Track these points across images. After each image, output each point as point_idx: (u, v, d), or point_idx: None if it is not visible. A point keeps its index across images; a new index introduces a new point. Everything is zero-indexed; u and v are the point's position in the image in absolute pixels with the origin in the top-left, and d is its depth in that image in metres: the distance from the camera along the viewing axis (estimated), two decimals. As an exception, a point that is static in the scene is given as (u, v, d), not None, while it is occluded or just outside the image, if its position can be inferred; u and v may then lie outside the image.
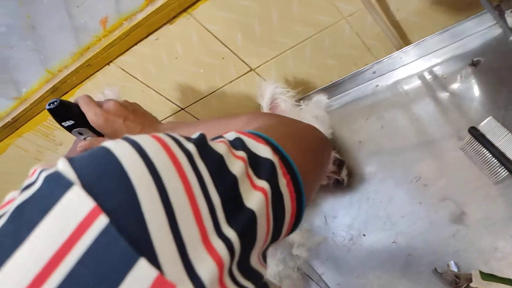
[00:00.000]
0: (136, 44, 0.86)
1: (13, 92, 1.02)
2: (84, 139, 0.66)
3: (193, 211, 0.24)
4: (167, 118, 1.06)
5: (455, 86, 0.76)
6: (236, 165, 0.30)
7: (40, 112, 1.04)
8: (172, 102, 1.01)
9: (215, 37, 0.84)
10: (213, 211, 0.26)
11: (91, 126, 0.63)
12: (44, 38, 0.90)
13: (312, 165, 0.41)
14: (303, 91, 0.93)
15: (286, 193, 0.33)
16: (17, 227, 0.22)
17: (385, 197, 0.75)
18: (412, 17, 0.79)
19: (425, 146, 0.74)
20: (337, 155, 0.81)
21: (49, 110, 0.62)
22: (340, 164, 0.79)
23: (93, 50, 0.88)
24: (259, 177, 0.31)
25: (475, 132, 0.67)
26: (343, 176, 0.79)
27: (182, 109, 1.04)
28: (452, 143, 0.71)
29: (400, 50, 0.83)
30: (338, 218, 0.79)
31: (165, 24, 0.82)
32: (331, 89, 0.92)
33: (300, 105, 0.87)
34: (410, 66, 0.84)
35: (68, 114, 0.63)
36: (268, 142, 0.35)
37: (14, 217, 0.23)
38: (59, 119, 0.63)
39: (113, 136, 0.61)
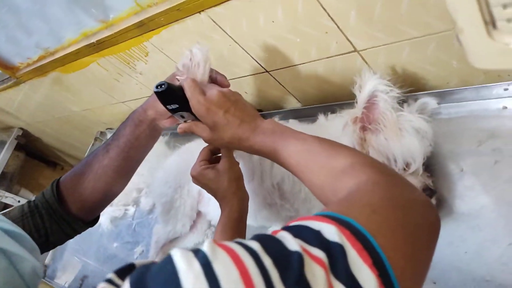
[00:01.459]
0: (232, -2, 0.75)
1: (101, 15, 0.98)
2: (185, 121, 0.67)
3: None
4: (248, 76, 0.98)
5: None
6: None
7: (124, 41, 1.01)
8: (257, 62, 0.92)
9: (324, 9, 0.71)
10: None
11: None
12: (138, -32, 0.82)
13: (420, 279, 0.33)
14: (412, 89, 0.79)
15: None
16: None
17: (472, 249, 0.64)
18: None
19: (545, 209, 0.60)
20: (430, 183, 0.69)
21: (156, 93, 0.61)
22: (429, 195, 0.68)
23: (186, -6, 0.79)
24: None
25: None
26: (429, 208, 0.69)
27: (266, 71, 0.94)
28: None
29: (555, 76, 0.64)
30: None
31: (269, -17, 0.70)
32: (444, 94, 0.77)
33: (402, 109, 0.73)
34: (560, 97, 0.66)
35: (173, 97, 0.62)
36: (375, 261, 0.28)
37: None
38: (165, 102, 0.63)
39: (212, 126, 0.61)
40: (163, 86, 0.60)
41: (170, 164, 1.06)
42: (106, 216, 1.32)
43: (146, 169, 1.28)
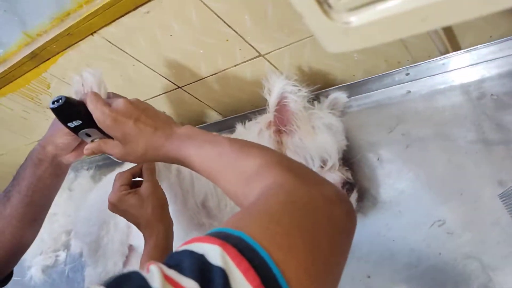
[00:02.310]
0: (123, 15, 0.71)
1: (-10, 51, 0.90)
2: (92, 141, 0.59)
3: None
4: (161, 95, 0.94)
5: (505, 111, 0.61)
6: None
7: (21, 76, 0.93)
8: (167, 79, 0.88)
9: (218, 16, 0.69)
10: None
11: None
12: (18, -3, 0.75)
13: (330, 284, 0.32)
14: (320, 86, 0.79)
15: None
16: None
17: (399, 236, 0.64)
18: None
19: (456, 185, 0.61)
20: (348, 176, 0.69)
21: (53, 109, 0.53)
22: (350, 188, 0.67)
23: (73, 17, 0.74)
24: None
25: (522, 183, 0.54)
26: (352, 201, 0.68)
27: (179, 87, 0.91)
28: (490, 188, 0.58)
29: (444, 56, 0.67)
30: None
31: (157, -4, 0.67)
32: (352, 87, 0.77)
33: (313, 107, 0.73)
34: (453, 75, 0.68)
35: (74, 113, 0.55)
36: (266, 278, 0.26)
37: None
38: (64, 119, 0.56)
39: (122, 139, 0.54)
40: (60, 100, 0.53)
41: (92, 200, 0.98)
42: (36, 266, 1.21)
43: (72, 208, 1.19)
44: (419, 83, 0.71)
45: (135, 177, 0.72)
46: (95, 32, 0.76)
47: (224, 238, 0.29)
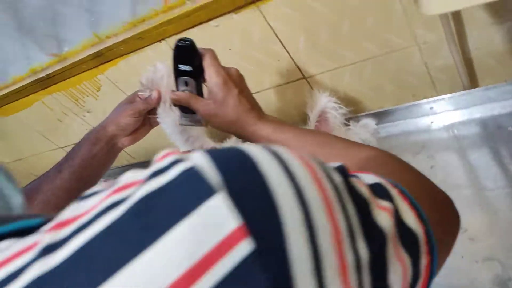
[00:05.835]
0: (194, 26, 0.82)
1: (53, 48, 0.99)
2: (183, 91, 0.63)
3: (340, 266, 0.20)
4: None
5: (521, 141, 0.71)
6: (383, 217, 0.25)
7: (76, 75, 1.01)
8: (213, 93, 0.97)
9: (277, 36, 0.80)
10: (360, 271, 0.21)
11: (200, 82, 0.61)
12: (100, 1, 0.86)
13: (448, 246, 0.36)
14: (353, 111, 0.89)
15: (421, 276, 0.28)
16: (145, 224, 0.17)
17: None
18: (489, 58, 0.75)
19: (478, 197, 0.69)
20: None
21: (177, 46, 0.59)
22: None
23: (148, 23, 0.84)
24: (404, 249, 0.26)
25: (538, 195, 0.62)
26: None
27: (221, 102, 0.99)
28: (509, 200, 0.66)
29: (466, 91, 0.78)
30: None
31: (230, 12, 0.78)
32: (381, 115, 0.87)
33: (349, 125, 0.82)
34: (473, 110, 0.79)
35: (190, 58, 0.59)
36: (414, 207, 0.30)
37: (141, 210, 0.18)
38: (180, 60, 0.60)
39: (220, 101, 0.58)
40: (187, 42, 0.58)
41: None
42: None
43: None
44: (442, 115, 0.82)
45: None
46: (163, 39, 0.86)
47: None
